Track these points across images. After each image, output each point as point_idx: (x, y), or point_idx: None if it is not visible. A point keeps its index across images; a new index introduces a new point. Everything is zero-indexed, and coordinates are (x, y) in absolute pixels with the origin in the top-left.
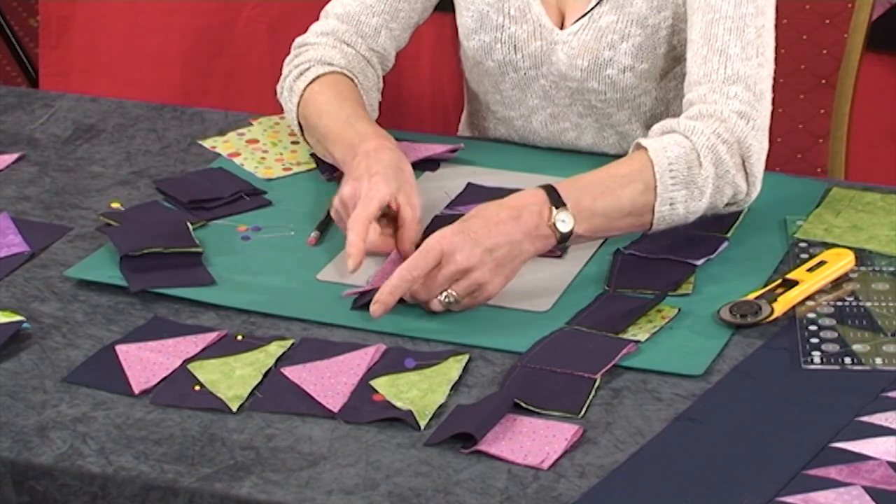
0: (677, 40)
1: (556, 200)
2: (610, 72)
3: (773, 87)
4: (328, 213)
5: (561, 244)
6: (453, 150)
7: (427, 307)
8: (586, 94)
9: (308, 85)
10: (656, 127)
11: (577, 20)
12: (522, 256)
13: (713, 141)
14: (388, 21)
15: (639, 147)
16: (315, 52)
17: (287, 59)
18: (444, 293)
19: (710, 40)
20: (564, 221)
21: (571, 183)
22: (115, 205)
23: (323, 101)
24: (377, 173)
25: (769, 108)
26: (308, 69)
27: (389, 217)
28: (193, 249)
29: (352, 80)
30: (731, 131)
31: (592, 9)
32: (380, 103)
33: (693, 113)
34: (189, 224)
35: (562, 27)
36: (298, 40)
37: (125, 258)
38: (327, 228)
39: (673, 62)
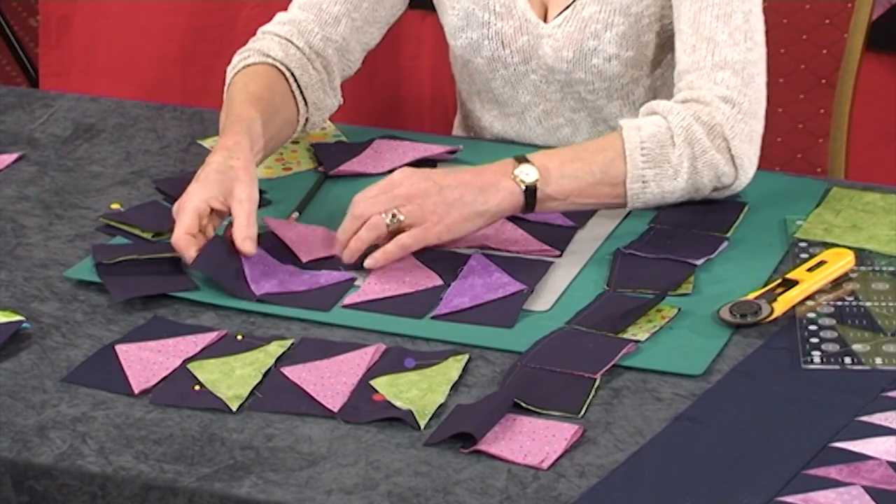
0: (661, 27)
1: (521, 159)
2: (595, 61)
3: (773, 86)
4: (309, 193)
5: (529, 202)
6: (452, 152)
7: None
8: (575, 85)
9: (236, 74)
10: (643, 108)
11: (561, 13)
12: (476, 205)
13: (689, 121)
14: (350, 10)
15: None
16: (259, 44)
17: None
18: (389, 213)
19: (698, 29)
20: (528, 174)
21: (542, 152)
22: (115, 205)
23: (234, 91)
24: (197, 180)
25: (760, 91)
26: (247, 58)
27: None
28: (170, 255)
29: (283, 73)
30: (712, 114)
31: (575, 1)
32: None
33: (679, 98)
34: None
35: (546, 21)
36: (261, 28)
37: (100, 265)
38: (307, 208)
39: (659, 50)
